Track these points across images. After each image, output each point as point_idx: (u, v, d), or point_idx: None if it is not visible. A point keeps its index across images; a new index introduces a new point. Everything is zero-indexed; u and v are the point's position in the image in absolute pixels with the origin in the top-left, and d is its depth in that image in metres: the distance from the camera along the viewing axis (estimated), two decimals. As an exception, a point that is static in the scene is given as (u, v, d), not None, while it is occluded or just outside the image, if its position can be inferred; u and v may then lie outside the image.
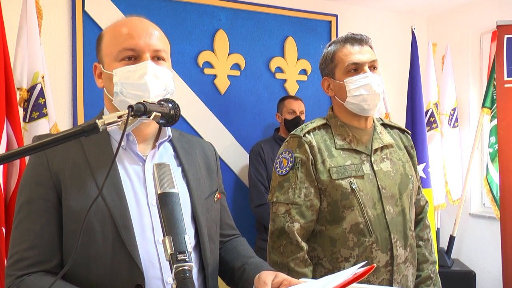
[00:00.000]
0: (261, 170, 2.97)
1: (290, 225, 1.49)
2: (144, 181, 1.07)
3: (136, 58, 1.06)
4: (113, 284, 0.99)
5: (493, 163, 3.15)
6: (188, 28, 3.09)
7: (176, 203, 0.86)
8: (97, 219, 1.00)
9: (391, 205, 1.55)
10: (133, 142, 1.09)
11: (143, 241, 1.02)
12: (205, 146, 1.27)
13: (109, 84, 1.07)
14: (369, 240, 1.49)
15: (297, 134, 1.58)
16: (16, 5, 2.50)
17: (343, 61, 1.57)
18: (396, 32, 3.88)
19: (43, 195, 1.01)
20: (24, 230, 1.01)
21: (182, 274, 0.77)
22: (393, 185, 1.57)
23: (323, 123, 1.62)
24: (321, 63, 1.67)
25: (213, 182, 1.22)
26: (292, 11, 3.47)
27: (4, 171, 2.14)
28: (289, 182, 1.53)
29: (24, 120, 2.31)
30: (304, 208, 1.50)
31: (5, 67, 2.11)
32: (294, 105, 3.08)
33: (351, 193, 1.50)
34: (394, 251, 1.52)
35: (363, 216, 1.50)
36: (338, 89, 1.59)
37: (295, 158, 1.54)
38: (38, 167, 1.03)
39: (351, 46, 1.58)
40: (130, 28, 1.07)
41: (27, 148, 0.81)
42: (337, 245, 1.51)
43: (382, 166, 1.58)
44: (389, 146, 1.64)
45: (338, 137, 1.59)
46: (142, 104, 0.90)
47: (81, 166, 1.04)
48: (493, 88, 3.16)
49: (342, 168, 1.53)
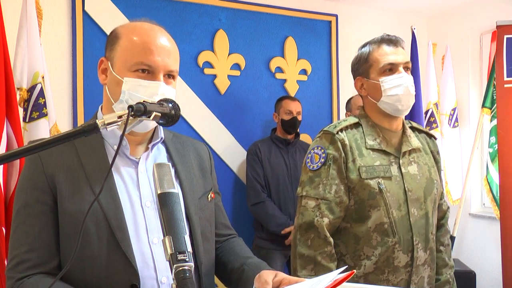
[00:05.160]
0: (258, 169, 2.97)
1: (319, 220, 1.52)
2: (137, 183, 1.08)
3: (149, 72, 1.06)
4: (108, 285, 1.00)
5: (493, 163, 3.15)
6: (188, 28, 3.09)
7: (176, 203, 0.86)
8: (92, 221, 1.00)
9: (415, 208, 1.57)
10: (126, 147, 1.09)
11: (137, 242, 1.03)
12: (199, 147, 1.28)
13: (115, 87, 1.07)
14: (392, 240, 1.52)
15: (330, 131, 1.60)
16: (16, 5, 2.50)
17: (378, 61, 1.59)
18: (396, 32, 3.84)
19: (40, 198, 1.02)
20: (22, 234, 1.02)
21: (182, 274, 0.77)
22: (418, 189, 1.59)
23: (355, 122, 1.64)
24: (354, 64, 1.70)
25: (206, 182, 1.23)
26: (292, 11, 3.46)
27: (4, 171, 2.14)
28: (320, 177, 1.55)
29: (24, 120, 2.31)
30: (334, 204, 1.53)
31: (5, 67, 2.11)
32: (291, 105, 3.07)
33: (379, 193, 1.52)
34: (415, 253, 1.55)
35: (388, 217, 1.52)
36: (372, 88, 1.61)
37: (327, 154, 1.56)
38: (33, 171, 1.04)
39: (387, 46, 1.61)
40: (151, 41, 1.06)
41: (27, 149, 0.81)
42: (361, 243, 1.54)
43: (409, 169, 1.60)
44: (416, 150, 1.66)
45: (369, 137, 1.60)
46: (142, 104, 0.90)
47: (76, 169, 1.04)
48: (493, 88, 3.16)
49: (371, 168, 1.55)
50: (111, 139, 1.10)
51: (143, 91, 1.04)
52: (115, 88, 1.07)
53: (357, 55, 1.69)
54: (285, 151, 3.05)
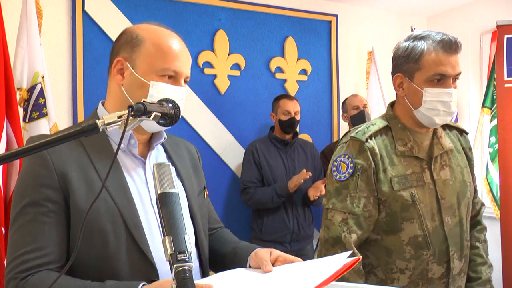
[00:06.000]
0: (252, 172, 2.95)
1: (347, 236, 1.40)
2: (145, 181, 1.11)
3: (173, 78, 1.10)
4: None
5: (493, 163, 3.15)
6: (188, 28, 3.09)
7: (176, 203, 0.86)
8: (108, 220, 1.02)
9: (449, 216, 1.47)
10: (134, 146, 1.12)
11: (152, 239, 1.05)
12: (189, 146, 1.33)
13: (137, 90, 1.08)
14: (427, 253, 1.43)
15: (358, 138, 1.46)
16: (16, 5, 2.50)
17: (430, 68, 1.40)
18: (396, 32, 3.88)
19: (50, 196, 1.01)
20: (28, 233, 1.00)
21: (182, 274, 0.76)
22: (452, 195, 1.49)
23: (385, 125, 1.51)
24: (399, 56, 1.49)
25: (200, 180, 1.27)
26: (292, 11, 3.46)
27: (4, 171, 2.14)
28: (348, 189, 1.44)
29: (24, 120, 2.31)
30: (362, 218, 1.42)
31: (5, 67, 2.11)
32: (289, 105, 3.01)
33: (412, 205, 1.42)
34: (451, 263, 1.46)
35: (422, 229, 1.43)
36: (412, 93, 1.45)
37: (355, 164, 1.43)
38: (41, 168, 1.02)
39: (444, 52, 1.40)
40: (176, 48, 1.11)
41: (27, 148, 0.81)
42: (393, 256, 1.45)
43: (441, 174, 1.49)
44: (448, 152, 1.54)
45: (399, 142, 1.48)
46: (142, 104, 0.91)
47: (86, 167, 1.05)
48: (493, 88, 3.16)
49: (403, 178, 1.44)
50: (116, 137, 1.11)
51: (171, 95, 1.06)
52: (138, 90, 1.08)
53: (405, 47, 1.47)
54: (283, 151, 3.03)
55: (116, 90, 1.12)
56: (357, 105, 3.16)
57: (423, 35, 1.45)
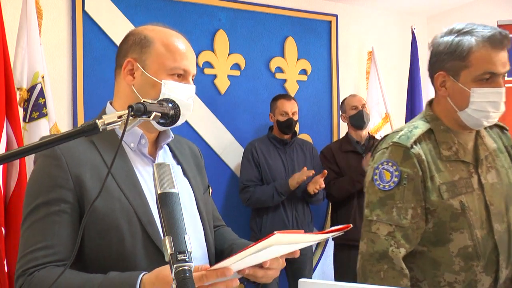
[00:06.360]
0: (251, 172, 2.94)
1: (395, 250, 1.31)
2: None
3: (182, 76, 1.14)
4: None
5: (493, 163, 3.15)
6: (188, 28, 3.08)
7: (176, 203, 0.85)
8: (124, 218, 1.05)
9: (498, 222, 1.36)
10: (145, 145, 1.14)
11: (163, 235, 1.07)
12: (192, 146, 1.35)
13: (149, 89, 1.11)
14: (477, 264, 1.33)
15: (402, 143, 1.35)
16: (16, 5, 2.50)
17: (479, 67, 1.29)
18: (396, 32, 3.88)
19: (63, 196, 1.03)
20: (38, 231, 1.02)
21: (182, 274, 0.76)
22: (500, 200, 1.38)
23: (428, 128, 1.39)
24: (440, 52, 1.37)
25: (203, 179, 1.30)
26: (292, 11, 3.47)
27: (4, 171, 2.14)
28: (393, 200, 1.33)
29: (24, 120, 2.31)
30: (410, 231, 1.32)
31: (5, 67, 2.12)
32: (287, 106, 2.99)
33: (462, 213, 1.32)
34: (499, 273, 1.36)
35: (472, 239, 1.32)
36: (457, 94, 1.34)
37: (401, 172, 1.33)
38: (55, 169, 1.04)
39: (493, 49, 1.29)
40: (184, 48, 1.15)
41: (27, 148, 0.82)
42: (441, 268, 1.35)
43: (488, 178, 1.38)
44: (492, 152, 1.43)
45: (443, 145, 1.37)
46: (142, 104, 0.91)
47: (100, 168, 1.07)
48: (493, 88, 3.16)
49: (452, 184, 1.33)
50: (127, 137, 1.13)
51: (181, 93, 1.11)
52: (150, 89, 1.11)
53: (448, 42, 1.34)
54: (282, 150, 3.03)
55: (126, 90, 1.14)
56: (355, 105, 3.16)
57: (467, 29, 1.32)
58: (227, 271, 0.88)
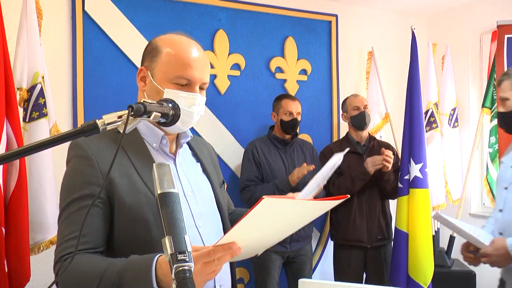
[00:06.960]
0: (252, 171, 2.94)
1: None
2: (177, 176, 1.23)
3: (187, 85, 1.19)
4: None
5: (493, 163, 3.15)
6: (188, 28, 3.08)
7: (176, 203, 0.86)
8: (150, 211, 1.12)
9: None
10: (166, 145, 1.24)
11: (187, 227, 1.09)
12: (207, 144, 1.47)
13: (155, 96, 1.18)
14: None
15: None
16: (16, 5, 2.50)
17: None
18: (396, 32, 3.88)
19: (95, 192, 1.12)
20: (73, 222, 1.11)
21: (182, 274, 0.77)
22: None
23: None
24: None
25: (219, 175, 1.42)
26: (292, 11, 3.47)
27: (4, 171, 2.14)
28: None
29: (24, 120, 2.31)
30: None
31: (5, 67, 2.11)
32: (291, 106, 2.98)
33: None
34: None
35: None
36: None
37: None
38: (87, 167, 1.14)
39: None
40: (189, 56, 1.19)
41: (27, 148, 0.82)
42: None
43: None
44: None
45: None
46: (142, 104, 0.93)
47: (127, 166, 1.17)
48: (493, 88, 3.16)
49: None
50: (149, 138, 1.23)
51: (183, 101, 1.16)
52: (155, 96, 1.18)
53: None
54: (283, 150, 3.02)
55: (141, 95, 1.25)
56: (357, 106, 3.15)
57: None
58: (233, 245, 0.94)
